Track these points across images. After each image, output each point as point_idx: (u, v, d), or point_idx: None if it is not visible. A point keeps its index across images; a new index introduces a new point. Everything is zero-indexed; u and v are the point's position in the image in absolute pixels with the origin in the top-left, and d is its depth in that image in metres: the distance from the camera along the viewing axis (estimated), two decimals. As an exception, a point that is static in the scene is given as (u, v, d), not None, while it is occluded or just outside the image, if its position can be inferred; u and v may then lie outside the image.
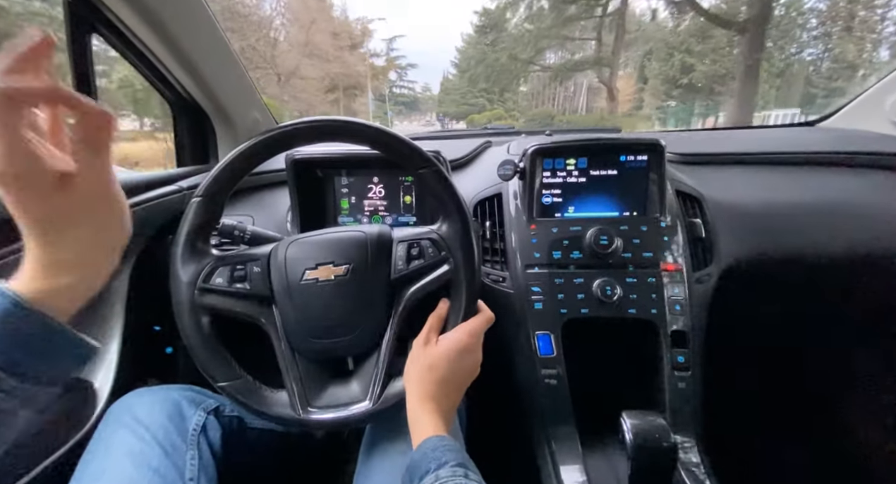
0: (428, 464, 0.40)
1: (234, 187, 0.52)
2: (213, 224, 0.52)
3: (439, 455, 0.41)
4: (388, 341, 0.52)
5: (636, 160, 0.76)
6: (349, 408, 0.50)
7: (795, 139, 1.01)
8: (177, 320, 0.50)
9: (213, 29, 0.85)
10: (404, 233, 0.55)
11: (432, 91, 44.17)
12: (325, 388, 0.53)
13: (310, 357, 0.53)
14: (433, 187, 0.52)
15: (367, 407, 0.50)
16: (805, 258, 0.81)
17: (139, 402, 0.53)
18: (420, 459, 0.42)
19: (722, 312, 0.76)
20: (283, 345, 0.52)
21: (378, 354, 0.52)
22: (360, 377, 0.53)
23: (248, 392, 0.51)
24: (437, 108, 38.62)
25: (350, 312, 0.52)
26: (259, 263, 0.53)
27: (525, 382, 0.75)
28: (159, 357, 0.85)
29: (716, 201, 0.82)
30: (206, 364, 0.50)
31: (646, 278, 0.73)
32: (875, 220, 0.81)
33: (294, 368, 0.52)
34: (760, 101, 14.71)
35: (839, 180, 0.88)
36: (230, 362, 0.52)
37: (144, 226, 0.76)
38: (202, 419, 0.55)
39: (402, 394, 0.50)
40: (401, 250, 0.53)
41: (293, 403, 0.50)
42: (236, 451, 0.60)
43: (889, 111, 0.94)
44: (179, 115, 0.97)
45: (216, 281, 0.51)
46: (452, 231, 0.52)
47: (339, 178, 0.88)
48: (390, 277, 0.53)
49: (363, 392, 0.51)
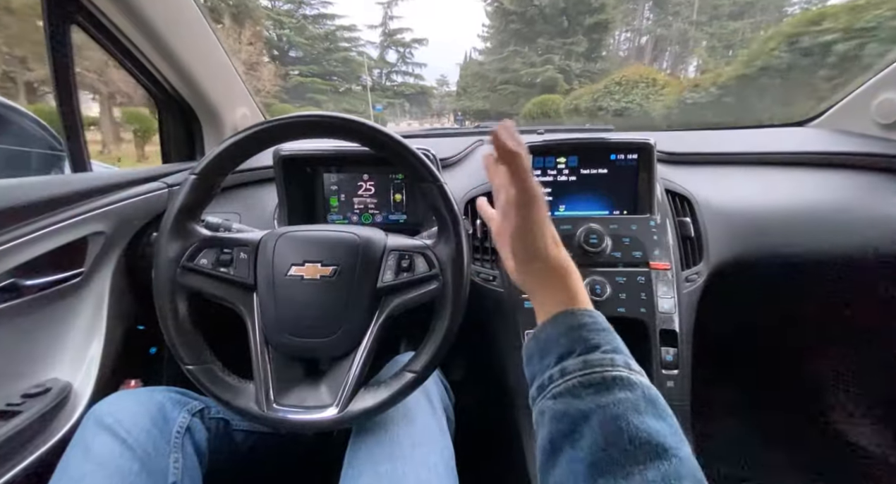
0: (571, 344, 0.34)
1: (230, 172, 0.51)
2: (203, 205, 0.51)
3: (586, 335, 0.34)
4: (364, 349, 0.51)
5: (626, 159, 0.76)
6: (314, 412, 0.49)
7: (785, 139, 1.02)
8: (154, 297, 0.49)
9: (200, 22, 0.83)
10: (397, 242, 0.54)
11: (449, 85, 31.61)
12: (293, 387, 0.52)
13: (283, 353, 0.52)
14: (434, 202, 0.51)
15: (332, 414, 0.48)
16: (794, 258, 0.82)
17: (121, 404, 0.52)
18: (558, 336, 0.35)
19: (711, 311, 0.76)
20: (258, 336, 0.51)
21: (352, 361, 0.51)
22: (330, 381, 0.52)
23: (214, 379, 0.50)
24: (455, 102, 27.69)
25: (330, 315, 0.51)
26: (247, 249, 0.52)
27: (514, 381, 0.75)
28: (143, 357, 0.84)
29: (706, 201, 0.82)
30: (176, 344, 0.49)
31: (635, 277, 0.73)
32: (863, 220, 0.82)
33: (265, 361, 0.51)
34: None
35: (828, 181, 0.89)
36: (202, 346, 0.51)
37: (128, 223, 0.74)
38: (186, 421, 0.54)
39: (369, 411, 0.48)
40: (391, 260, 0.53)
41: (258, 397, 0.49)
42: (221, 453, 0.59)
43: (874, 113, 0.95)
44: (164, 110, 0.95)
45: (201, 261, 0.50)
46: (447, 250, 0.51)
47: (329, 174, 0.87)
48: (377, 285, 0.52)
49: (331, 397, 0.50)
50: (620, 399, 0.30)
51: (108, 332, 0.71)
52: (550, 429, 0.32)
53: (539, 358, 0.36)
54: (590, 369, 0.32)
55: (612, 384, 0.31)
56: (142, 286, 0.77)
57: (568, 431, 0.31)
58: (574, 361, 0.33)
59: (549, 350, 0.35)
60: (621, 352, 0.34)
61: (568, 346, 0.34)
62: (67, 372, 0.67)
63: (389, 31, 26.83)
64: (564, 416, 0.31)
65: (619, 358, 0.33)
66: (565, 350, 0.34)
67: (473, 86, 26.32)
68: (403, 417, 0.54)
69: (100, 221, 0.68)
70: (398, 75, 28.57)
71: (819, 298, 0.97)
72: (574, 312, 0.37)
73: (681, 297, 0.73)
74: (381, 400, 0.49)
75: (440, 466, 0.50)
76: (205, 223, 0.60)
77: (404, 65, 28.24)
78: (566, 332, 0.35)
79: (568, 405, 0.31)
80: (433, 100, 30.83)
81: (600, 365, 0.32)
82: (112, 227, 0.70)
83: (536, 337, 0.38)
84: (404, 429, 0.52)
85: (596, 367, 0.32)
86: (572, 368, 0.33)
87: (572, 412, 0.31)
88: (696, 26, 19.10)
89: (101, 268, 0.72)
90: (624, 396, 0.30)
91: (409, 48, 27.55)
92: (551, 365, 0.34)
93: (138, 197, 0.75)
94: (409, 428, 0.53)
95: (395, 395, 0.49)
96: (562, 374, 0.33)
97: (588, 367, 0.32)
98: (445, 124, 20.02)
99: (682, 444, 0.28)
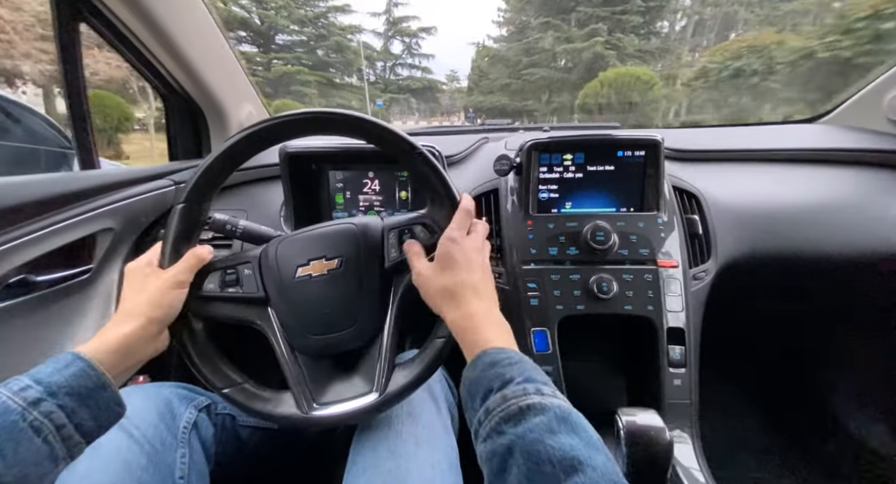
0: (490, 383, 0.36)
1: (219, 187, 0.51)
2: (199, 227, 0.51)
3: (501, 372, 0.37)
4: (388, 331, 0.51)
5: (633, 156, 0.76)
6: (355, 401, 0.49)
7: (795, 136, 1.01)
8: (170, 330, 0.48)
9: (207, 20, 0.83)
10: (394, 220, 0.54)
11: (460, 81, 28.34)
12: (329, 384, 0.52)
13: (310, 354, 0.52)
14: (421, 171, 0.50)
15: (374, 398, 0.48)
16: (803, 256, 0.81)
17: (129, 399, 0.52)
18: (478, 377, 0.38)
19: (719, 309, 0.76)
20: (283, 344, 0.51)
21: (380, 345, 0.51)
22: (363, 371, 0.52)
23: (250, 396, 0.50)
24: (466, 97, 24.73)
25: (347, 305, 0.51)
26: (250, 265, 0.52)
27: None
28: None
29: (714, 198, 0.81)
30: (205, 373, 0.49)
31: (642, 275, 0.72)
32: (874, 218, 0.80)
33: (295, 366, 0.51)
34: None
35: (839, 178, 0.87)
36: (229, 368, 0.51)
37: (136, 220, 0.75)
38: (193, 417, 0.54)
39: (408, 386, 0.49)
40: (392, 238, 0.53)
41: (298, 402, 0.49)
42: (228, 448, 0.59)
43: (886, 108, 0.94)
44: (172, 108, 0.96)
45: (208, 286, 0.50)
46: (444, 212, 0.51)
47: (334, 172, 0.87)
48: (384, 265, 0.52)
49: (368, 385, 0.50)
50: (535, 424, 0.32)
51: None
52: (487, 471, 0.34)
53: (470, 402, 0.38)
54: (507, 403, 0.34)
55: (527, 411, 0.33)
56: None
57: (499, 470, 0.32)
58: (494, 398, 0.35)
59: (476, 393, 0.37)
60: (533, 380, 0.36)
61: (487, 385, 0.36)
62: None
63: (394, 19, 23.45)
64: (493, 455, 0.33)
65: (531, 386, 0.35)
66: (486, 390, 0.36)
67: (488, 77, 22.18)
68: (408, 415, 0.54)
69: (108, 218, 0.69)
70: (403, 68, 25.05)
71: (828, 297, 0.96)
72: (487, 352, 0.39)
73: (688, 295, 0.72)
74: (418, 373, 0.49)
75: (444, 464, 0.50)
76: (212, 221, 0.60)
77: (410, 56, 24.61)
78: (483, 372, 0.38)
79: (495, 444, 0.33)
80: (441, 95, 27.35)
81: (514, 396, 0.34)
82: (120, 223, 0.71)
83: (463, 383, 0.40)
84: (408, 427, 0.52)
85: (511, 399, 0.34)
86: (493, 406, 0.35)
87: (499, 450, 0.32)
88: (746, 6, 16.31)
89: (110, 264, 0.72)
90: (538, 421, 0.32)
91: (415, 38, 23.79)
92: (477, 408, 0.36)
93: (146, 194, 0.76)
94: (413, 426, 0.53)
95: (430, 364, 0.49)
96: (486, 413, 0.35)
97: (506, 401, 0.34)
98: (455, 123, 15.30)
99: (595, 453, 0.30)
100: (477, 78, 23.52)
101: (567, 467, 0.29)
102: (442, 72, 30.04)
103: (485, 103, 21.68)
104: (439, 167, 0.50)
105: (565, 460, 0.29)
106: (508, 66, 20.78)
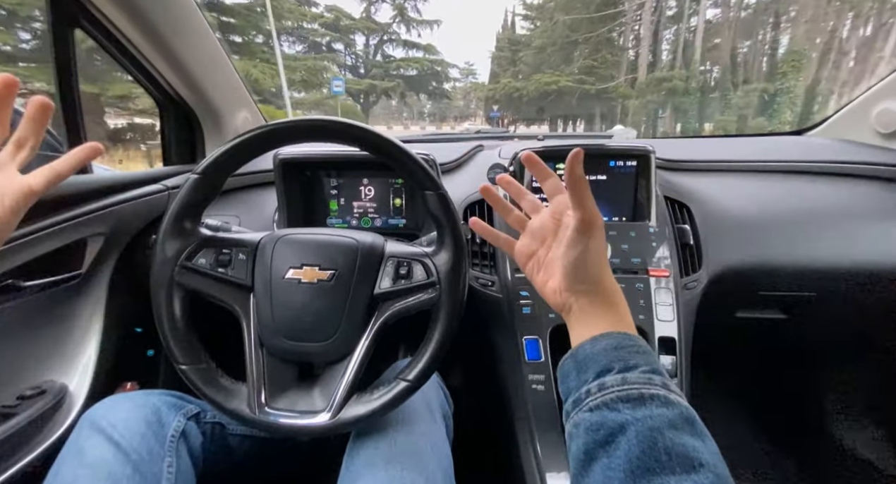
0: (610, 363, 0.34)
1: (232, 174, 0.51)
2: (205, 205, 0.51)
3: (625, 356, 0.35)
4: (358, 355, 0.51)
5: (625, 166, 0.76)
6: (305, 417, 0.49)
7: (785, 148, 1.02)
8: (151, 295, 0.49)
9: (202, 25, 0.84)
10: (396, 249, 0.54)
11: (476, 76, 22.96)
12: (286, 390, 0.52)
13: (277, 356, 0.52)
14: (434, 210, 0.51)
15: (323, 420, 0.48)
16: (793, 266, 0.82)
17: (116, 407, 0.52)
18: (596, 354, 0.36)
19: (710, 319, 0.76)
20: (253, 339, 0.51)
21: (346, 367, 0.51)
22: (322, 387, 0.52)
23: (207, 380, 0.50)
24: (489, 86, 19.45)
25: (326, 319, 0.51)
26: (246, 250, 0.52)
27: (512, 388, 0.74)
28: (140, 360, 0.83)
29: (705, 208, 0.82)
30: (171, 343, 0.49)
31: (634, 284, 0.72)
32: (863, 229, 0.81)
33: (259, 363, 0.51)
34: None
35: (829, 190, 0.89)
36: (197, 347, 0.51)
37: (127, 224, 0.74)
38: (181, 425, 0.54)
39: (362, 417, 0.48)
40: (389, 267, 0.53)
41: (251, 399, 0.49)
42: (216, 457, 0.58)
43: (874, 121, 0.95)
44: (166, 113, 0.96)
45: (199, 261, 0.50)
46: (445, 259, 0.51)
47: (328, 179, 0.87)
48: (374, 291, 0.52)
49: (323, 402, 0.50)
50: (657, 414, 0.30)
51: (106, 334, 0.71)
52: (586, 439, 0.32)
53: (576, 374, 0.37)
54: (628, 386, 0.32)
55: (650, 400, 0.31)
56: (140, 288, 0.77)
57: (604, 441, 0.31)
58: (613, 377, 0.34)
59: (587, 367, 0.36)
60: (660, 373, 0.34)
61: (607, 364, 0.35)
62: (63, 374, 0.67)
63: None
64: (601, 426, 0.32)
65: (658, 378, 0.33)
66: (604, 368, 0.35)
67: (517, 54, 16.29)
68: (403, 424, 0.53)
69: (100, 223, 0.68)
70: (394, 46, 16.04)
71: (818, 306, 0.97)
72: (614, 335, 0.37)
73: (680, 304, 0.73)
74: (373, 408, 0.49)
75: (438, 474, 0.50)
76: (204, 225, 0.61)
77: (404, 24, 15.62)
78: (606, 351, 0.36)
79: (604, 417, 0.32)
80: (448, 85, 18.61)
81: (637, 382, 0.33)
82: (111, 228, 0.70)
83: (574, 355, 0.38)
84: (403, 436, 0.52)
85: (634, 384, 0.32)
86: (610, 384, 0.33)
87: (609, 423, 0.31)
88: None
89: (100, 269, 0.72)
90: (661, 412, 0.30)
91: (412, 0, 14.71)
92: (589, 380, 0.35)
93: (138, 199, 0.75)
94: (407, 435, 0.52)
95: (387, 403, 0.49)
96: (600, 388, 0.34)
97: (626, 383, 0.33)
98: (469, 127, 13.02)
99: (721, 464, 0.29)
100: (502, 60, 16.18)
101: (686, 464, 0.28)
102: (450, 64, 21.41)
103: (515, 89, 14.32)
104: (455, 213, 0.51)
105: (685, 457, 0.28)
106: (546, 32, 15.09)
